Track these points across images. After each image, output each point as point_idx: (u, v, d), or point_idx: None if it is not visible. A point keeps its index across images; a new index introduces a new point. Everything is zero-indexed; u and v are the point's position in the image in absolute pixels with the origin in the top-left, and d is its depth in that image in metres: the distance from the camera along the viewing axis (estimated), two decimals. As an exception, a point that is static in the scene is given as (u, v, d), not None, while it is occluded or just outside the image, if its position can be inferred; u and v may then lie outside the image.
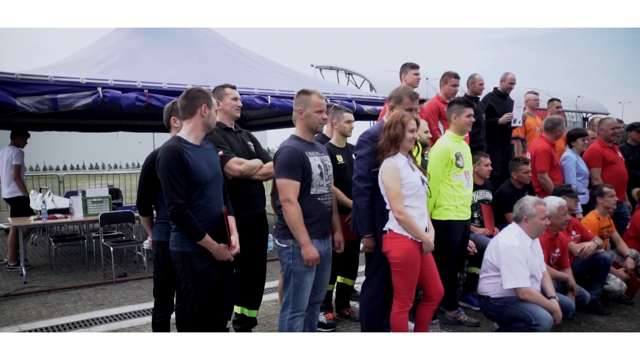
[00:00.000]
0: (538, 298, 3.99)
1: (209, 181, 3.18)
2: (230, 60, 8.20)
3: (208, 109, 3.23)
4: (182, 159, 3.08)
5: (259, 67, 8.48)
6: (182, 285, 3.24)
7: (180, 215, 3.07)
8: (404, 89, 3.92)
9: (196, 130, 3.25)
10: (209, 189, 3.20)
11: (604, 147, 6.39)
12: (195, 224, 3.10)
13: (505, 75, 6.87)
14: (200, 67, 7.51)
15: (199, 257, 3.17)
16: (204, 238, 3.12)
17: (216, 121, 3.32)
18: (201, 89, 3.31)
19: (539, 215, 4.09)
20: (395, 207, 3.52)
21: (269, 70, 8.56)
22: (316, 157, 3.56)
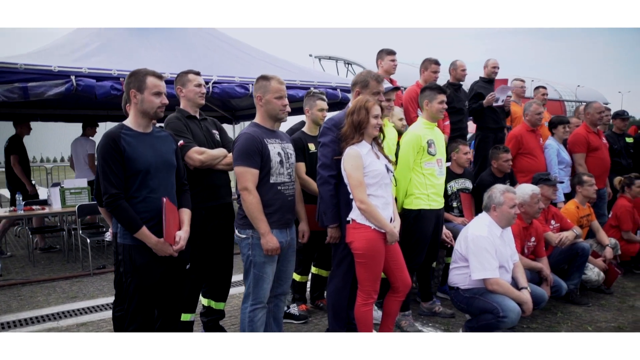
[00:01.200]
0: (507, 289, 3.90)
1: (151, 170, 3.03)
2: (214, 48, 8.05)
3: (139, 94, 3.06)
4: (118, 146, 2.95)
5: (244, 56, 8.33)
6: (122, 278, 3.14)
7: (114, 205, 2.94)
8: (368, 73, 3.81)
9: (136, 117, 3.10)
10: (153, 178, 3.05)
11: (589, 132, 6.29)
12: (131, 215, 2.96)
13: (487, 61, 6.79)
14: (181, 55, 7.36)
15: (139, 251, 3.03)
16: (141, 230, 2.97)
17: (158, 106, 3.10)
18: (135, 71, 3.13)
19: (507, 204, 3.99)
20: (357, 196, 3.42)
21: (255, 59, 8.41)
22: (276, 145, 3.47)
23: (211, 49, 7.96)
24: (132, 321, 3.11)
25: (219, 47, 8.13)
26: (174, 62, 6.88)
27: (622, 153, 6.84)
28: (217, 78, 6.82)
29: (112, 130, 3.03)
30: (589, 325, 4.57)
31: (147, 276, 3.07)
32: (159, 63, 6.71)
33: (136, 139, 3.05)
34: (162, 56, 7.16)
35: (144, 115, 3.11)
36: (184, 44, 7.69)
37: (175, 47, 7.55)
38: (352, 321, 3.96)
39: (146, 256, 3.05)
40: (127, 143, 2.99)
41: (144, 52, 7.16)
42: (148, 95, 3.07)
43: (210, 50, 7.89)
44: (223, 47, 8.21)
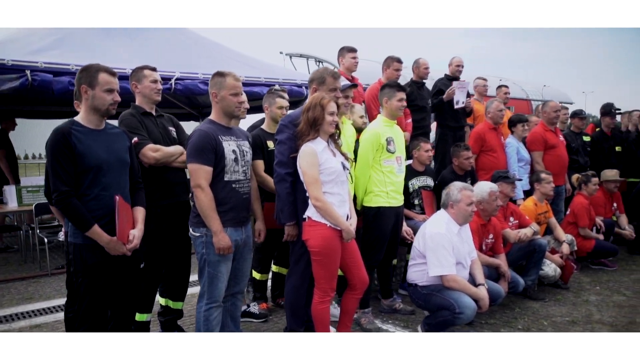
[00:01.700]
0: (463, 286, 3.93)
1: (103, 167, 2.97)
2: (177, 44, 7.90)
3: (90, 90, 2.99)
4: (68, 143, 2.87)
5: (208, 53, 8.20)
6: (73, 278, 3.06)
7: (64, 202, 2.87)
8: (325, 69, 3.80)
9: (87, 113, 3.03)
10: (106, 176, 2.99)
11: (546, 130, 6.41)
12: (81, 213, 2.89)
13: (452, 59, 6.84)
14: (143, 51, 7.21)
15: (91, 250, 2.96)
16: (92, 229, 2.90)
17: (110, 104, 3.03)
18: (87, 67, 3.06)
19: (464, 201, 4.03)
20: (312, 193, 3.41)
21: (219, 56, 8.30)
22: (231, 142, 3.44)
23: (174, 44, 7.82)
24: (83, 322, 3.04)
25: (182, 43, 8.00)
26: (136, 58, 6.73)
27: (579, 151, 6.98)
28: (179, 74, 6.71)
29: (62, 126, 2.96)
30: (544, 320, 4.65)
31: (99, 276, 3.00)
32: (120, 58, 6.58)
33: (87, 135, 2.98)
34: (123, 51, 7.01)
35: (95, 112, 3.04)
36: (146, 39, 7.54)
37: (137, 43, 7.40)
38: (310, 319, 3.95)
39: (98, 255, 2.98)
40: (77, 139, 2.92)
41: (104, 46, 6.99)
42: (99, 91, 3.00)
43: (173, 46, 7.75)
44: (186, 43, 8.08)
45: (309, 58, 26.78)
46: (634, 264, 6.59)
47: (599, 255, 6.31)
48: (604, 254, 6.32)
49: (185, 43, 8.11)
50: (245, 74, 7.08)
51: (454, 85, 6.36)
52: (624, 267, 6.40)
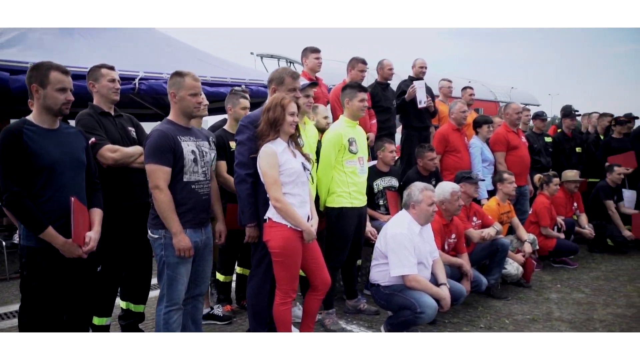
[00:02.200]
0: (425, 285, 3.96)
1: (57, 168, 2.90)
2: (141, 43, 7.77)
3: (41, 89, 2.92)
4: (19, 142, 2.80)
5: (174, 52, 8.09)
6: (26, 282, 2.97)
7: (15, 204, 2.79)
8: (284, 69, 3.79)
9: (39, 113, 2.96)
10: (60, 176, 2.92)
11: (508, 131, 6.52)
12: (34, 215, 2.81)
13: (415, 60, 6.90)
14: (105, 49, 7.06)
15: (45, 253, 2.89)
16: (46, 231, 2.83)
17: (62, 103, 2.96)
18: (38, 65, 2.98)
19: (425, 202, 4.06)
20: (272, 194, 3.39)
21: (185, 56, 8.19)
22: (190, 143, 3.39)
23: (138, 43, 7.69)
24: (37, 327, 2.96)
25: (147, 42, 7.87)
26: (97, 56, 6.57)
27: (541, 152, 7.12)
28: (143, 74, 6.59)
29: (13, 125, 2.88)
30: (506, 319, 4.72)
31: (53, 279, 2.93)
32: (81, 57, 6.44)
33: (40, 135, 2.91)
34: (85, 50, 6.86)
35: (47, 112, 2.97)
36: (108, 37, 7.40)
37: (99, 40, 7.25)
38: (272, 321, 3.92)
39: (52, 258, 2.91)
40: (29, 139, 2.85)
41: (64, 44, 6.83)
42: (51, 90, 2.94)
43: (137, 45, 7.62)
44: (151, 42, 7.95)
45: (280, 59, 26.72)
46: (593, 262, 6.75)
47: (560, 254, 6.44)
48: (565, 253, 6.46)
49: (149, 42, 7.99)
50: (211, 74, 7.01)
51: (415, 85, 6.42)
52: (584, 265, 6.54)
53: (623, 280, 5.86)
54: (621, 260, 6.78)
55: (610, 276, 6.05)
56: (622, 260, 6.78)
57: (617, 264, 6.60)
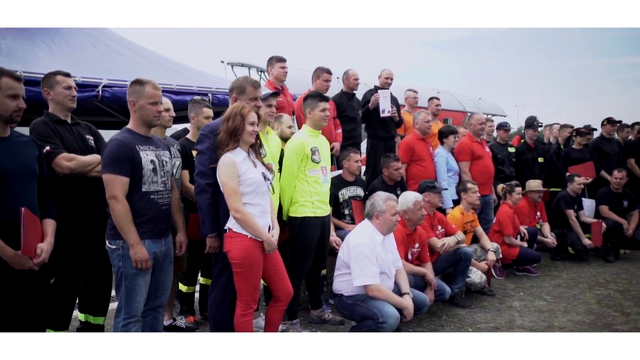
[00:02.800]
0: (387, 295, 3.97)
1: (6, 177, 2.81)
2: (104, 49, 7.63)
3: None
4: None
5: (139, 59, 7.97)
6: None
7: None
8: (245, 78, 3.78)
9: None
10: (10, 186, 2.83)
11: (472, 141, 6.62)
12: None
13: (382, 71, 6.95)
14: (65, 55, 6.91)
15: None
16: None
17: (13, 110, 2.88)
18: None
19: (389, 212, 4.08)
20: (232, 204, 3.36)
21: (151, 63, 8.07)
22: (150, 152, 3.34)
23: (102, 50, 7.55)
24: None
25: (110, 49, 7.74)
26: (58, 62, 6.47)
27: (505, 162, 7.24)
28: (107, 82, 6.47)
29: None
30: (469, 327, 4.76)
31: (2, 292, 2.83)
32: (41, 63, 6.31)
33: None
34: (46, 55, 6.69)
35: None
36: (69, 43, 7.24)
37: (61, 46, 7.09)
38: (235, 332, 3.88)
39: (1, 271, 2.80)
40: None
41: (24, 49, 6.65)
42: (2, 97, 2.85)
43: (101, 51, 7.48)
44: (114, 48, 7.82)
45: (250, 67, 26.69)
46: (555, 269, 6.87)
47: (523, 262, 6.54)
48: (527, 261, 6.56)
49: (113, 49, 7.86)
50: (176, 82, 6.94)
51: (379, 94, 6.47)
52: (546, 273, 6.66)
53: (583, 288, 5.98)
54: (581, 268, 6.92)
55: (570, 283, 6.17)
56: (582, 268, 6.92)
57: (578, 272, 6.73)
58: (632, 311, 5.14)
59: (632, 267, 6.95)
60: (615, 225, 7.26)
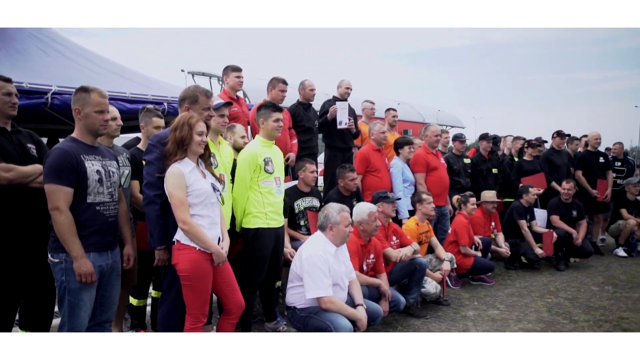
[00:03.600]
0: (340, 307, 3.94)
1: None
2: (54, 55, 7.40)
3: None
4: None
5: (91, 66, 7.77)
6: None
7: None
8: (197, 87, 3.72)
9: None
10: None
11: (428, 153, 6.70)
12: None
13: (341, 81, 6.97)
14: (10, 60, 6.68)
15: None
16: None
17: None
18: None
19: (342, 223, 4.07)
20: (179, 216, 3.29)
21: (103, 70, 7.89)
22: (96, 162, 3.25)
23: (51, 55, 7.33)
24: None
25: (61, 54, 7.53)
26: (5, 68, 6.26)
27: (460, 173, 7.37)
28: (57, 88, 6.29)
29: None
30: (423, 337, 4.77)
31: None
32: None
33: None
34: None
35: None
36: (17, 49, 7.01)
37: (8, 51, 6.86)
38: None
39: None
40: None
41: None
42: None
43: (51, 58, 7.28)
44: (66, 55, 7.61)
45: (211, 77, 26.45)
46: (509, 278, 7.00)
47: (478, 272, 6.63)
48: (482, 270, 6.65)
49: (65, 55, 7.65)
50: (131, 91, 6.80)
51: (337, 105, 6.49)
52: (500, 282, 6.77)
53: (534, 296, 6.10)
54: (534, 277, 7.07)
55: (523, 292, 6.29)
56: (534, 277, 7.07)
57: (530, 280, 6.87)
58: (580, 318, 5.27)
59: (581, 275, 7.15)
60: (565, 235, 7.46)
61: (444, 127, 33.05)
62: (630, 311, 5.52)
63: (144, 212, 3.96)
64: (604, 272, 7.37)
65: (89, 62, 7.89)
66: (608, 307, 5.65)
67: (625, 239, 8.51)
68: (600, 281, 6.85)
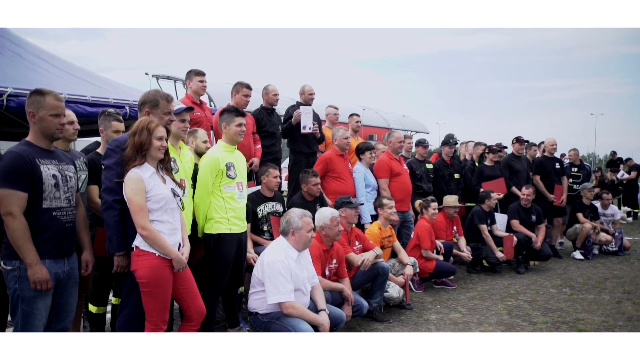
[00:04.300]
0: (302, 312, 3.94)
1: None
2: (10, 56, 7.19)
3: None
4: None
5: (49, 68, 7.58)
6: None
7: None
8: (157, 92, 3.68)
9: None
10: None
11: (391, 158, 6.77)
12: None
13: (303, 87, 6.98)
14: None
15: None
16: None
17: None
18: None
19: (304, 228, 4.08)
20: (138, 221, 3.24)
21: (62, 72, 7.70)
22: (51, 166, 3.17)
23: (7, 56, 7.12)
24: None
25: (18, 56, 7.32)
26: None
27: (423, 178, 7.47)
28: (13, 90, 6.12)
29: None
30: (386, 341, 4.81)
31: None
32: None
33: None
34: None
35: None
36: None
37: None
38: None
39: None
40: None
41: None
42: None
43: (6, 58, 7.06)
44: (23, 56, 7.40)
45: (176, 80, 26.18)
46: (470, 282, 7.12)
47: (440, 275, 6.72)
48: (444, 274, 6.74)
49: (22, 56, 7.44)
50: (91, 94, 6.66)
51: (301, 110, 6.51)
52: (462, 286, 6.88)
53: (495, 299, 6.22)
54: (495, 280, 7.21)
55: (484, 295, 6.40)
56: (495, 280, 7.22)
57: (491, 284, 7.01)
58: (539, 320, 5.40)
59: (540, 278, 7.33)
60: (525, 239, 7.64)
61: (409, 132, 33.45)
62: (586, 312, 5.68)
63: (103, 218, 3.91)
64: (562, 275, 7.57)
65: (47, 63, 7.70)
66: (565, 309, 5.80)
67: (581, 242, 8.77)
68: (558, 284, 7.03)
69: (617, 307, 5.88)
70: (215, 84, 23.46)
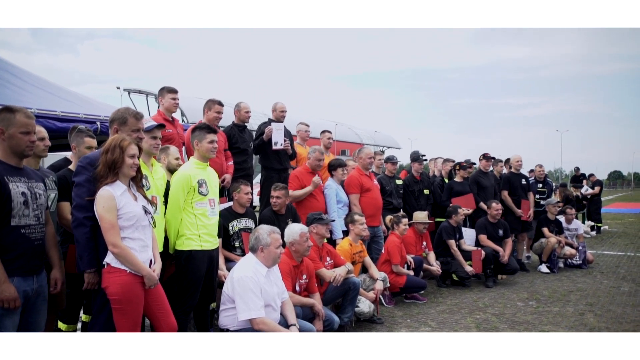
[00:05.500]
0: (273, 327, 3.98)
1: None
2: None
3: None
4: None
5: (17, 82, 7.49)
6: None
7: None
8: (127, 109, 3.71)
9: None
10: None
11: (361, 174, 6.89)
12: None
13: (275, 104, 7.07)
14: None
15: None
16: None
17: None
18: None
19: (273, 245, 4.13)
20: (109, 239, 3.26)
21: (31, 87, 7.61)
22: (21, 184, 3.17)
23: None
24: None
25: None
26: None
27: (393, 193, 7.60)
28: (-19, 106, 6.05)
29: None
30: (356, 356, 4.86)
31: None
32: None
33: None
34: None
35: None
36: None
37: None
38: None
39: None
40: None
41: None
42: None
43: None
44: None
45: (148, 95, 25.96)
46: (440, 296, 7.23)
47: (411, 290, 6.82)
48: (414, 289, 6.85)
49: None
50: (61, 109, 6.63)
51: (272, 126, 6.59)
52: (432, 300, 6.99)
53: (464, 313, 6.34)
54: (464, 294, 7.35)
55: (454, 309, 6.52)
56: (464, 294, 7.35)
57: (460, 297, 7.14)
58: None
59: (508, 292, 7.49)
60: (492, 253, 7.81)
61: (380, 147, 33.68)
62: (551, 324, 5.84)
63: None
64: (528, 288, 7.75)
65: (16, 77, 7.62)
66: (531, 322, 5.95)
67: (547, 256, 9.00)
68: (525, 297, 7.20)
69: (580, 319, 6.06)
70: (188, 98, 23.37)
